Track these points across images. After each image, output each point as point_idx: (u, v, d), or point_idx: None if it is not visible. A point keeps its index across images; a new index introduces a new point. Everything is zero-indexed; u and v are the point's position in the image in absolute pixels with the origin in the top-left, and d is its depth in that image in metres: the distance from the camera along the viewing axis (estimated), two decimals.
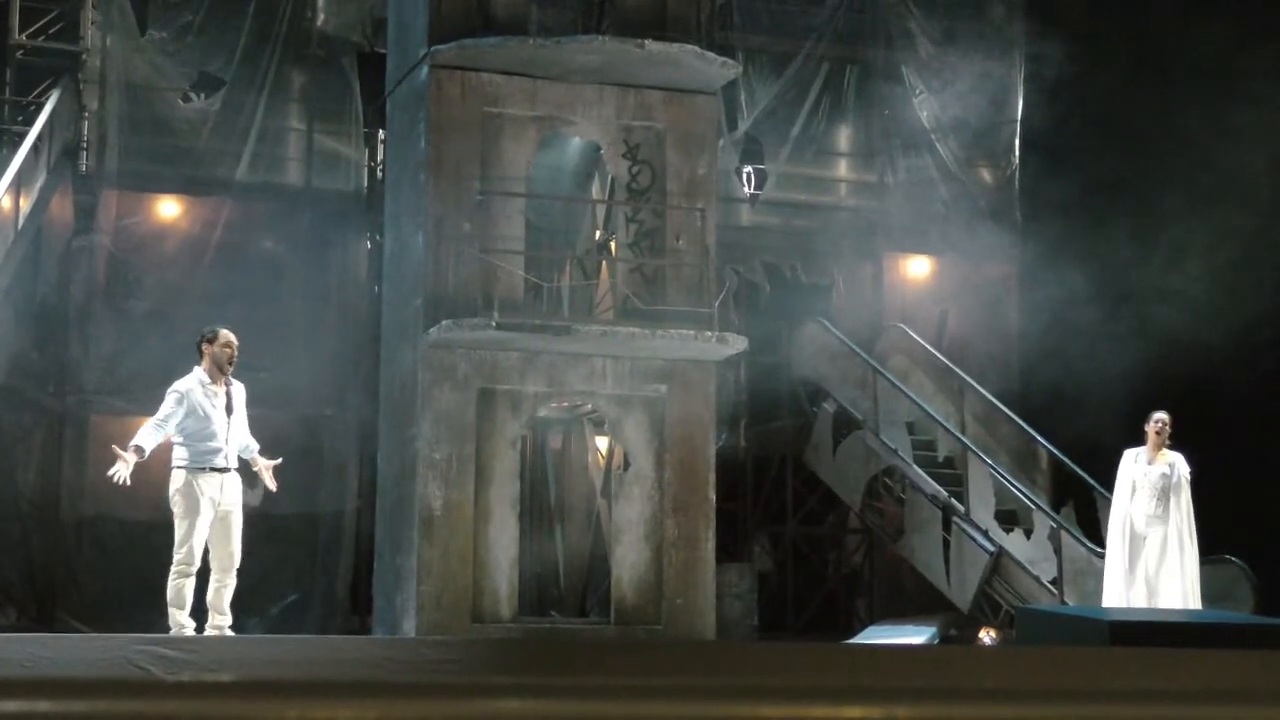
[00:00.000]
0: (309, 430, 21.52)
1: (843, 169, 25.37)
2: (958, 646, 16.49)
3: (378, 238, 21.55)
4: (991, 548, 19.21)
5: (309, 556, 21.52)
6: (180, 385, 11.76)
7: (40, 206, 20.20)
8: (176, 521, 11.54)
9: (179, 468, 11.59)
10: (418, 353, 17.64)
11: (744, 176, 24.29)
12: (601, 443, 19.54)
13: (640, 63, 18.10)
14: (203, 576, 11.76)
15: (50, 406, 20.96)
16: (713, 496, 18.23)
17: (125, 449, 11.51)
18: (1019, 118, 24.95)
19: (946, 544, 19.77)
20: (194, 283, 21.53)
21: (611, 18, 18.59)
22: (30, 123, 20.51)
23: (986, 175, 25.05)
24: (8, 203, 18.75)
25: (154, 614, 18.50)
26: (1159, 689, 6.40)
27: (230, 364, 11.99)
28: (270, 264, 21.79)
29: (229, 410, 11.91)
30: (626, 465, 18.19)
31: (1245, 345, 19.67)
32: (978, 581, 19.16)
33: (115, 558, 20.18)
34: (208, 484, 11.57)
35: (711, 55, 18.31)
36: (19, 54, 22.11)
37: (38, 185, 20.08)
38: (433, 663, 5.98)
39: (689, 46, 18.15)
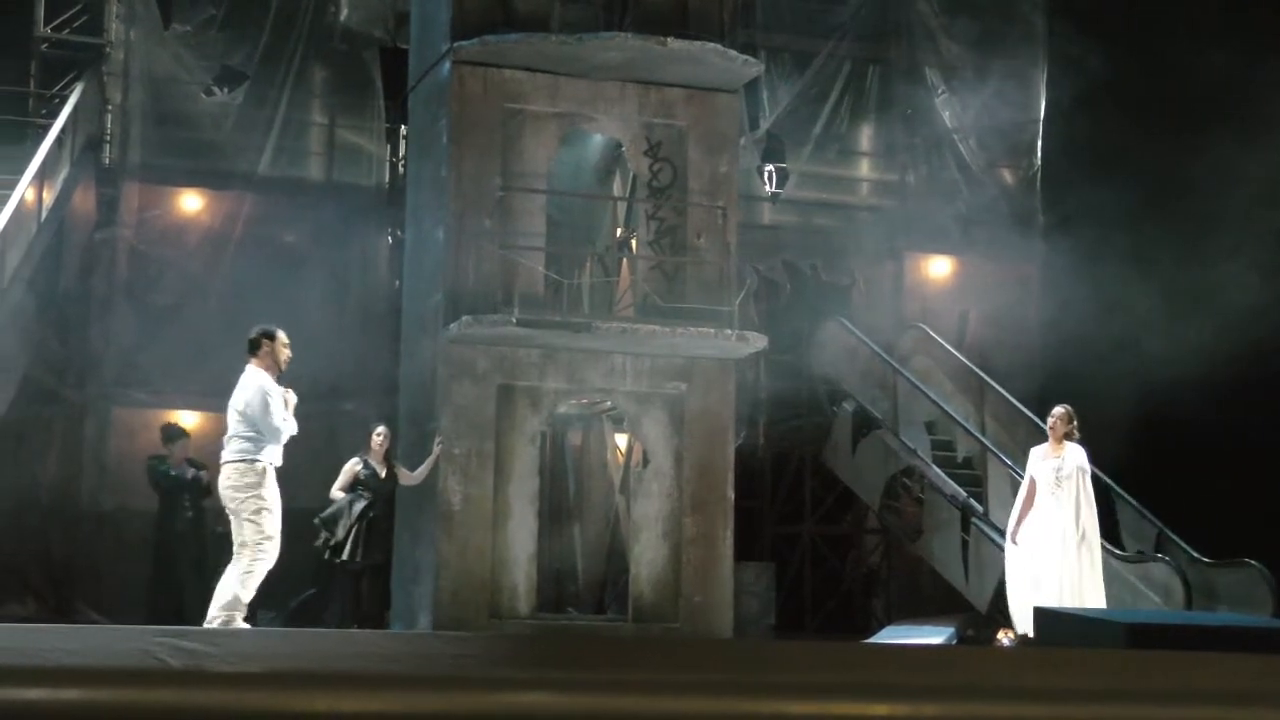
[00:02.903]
0: (328, 425, 21.55)
1: (864, 168, 25.35)
2: (979, 647, 16.46)
3: (398, 233, 21.58)
4: None
5: (311, 553, 21.52)
6: (262, 382, 11.79)
7: (63, 199, 20.26)
8: (261, 515, 11.56)
9: (251, 461, 11.63)
10: (437, 348, 17.66)
11: (765, 175, 24.27)
12: (620, 440, 19.55)
13: (662, 60, 18.09)
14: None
15: (71, 398, 21.02)
16: (731, 495, 18.22)
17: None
18: (1041, 118, 24.90)
19: (965, 544, 19.73)
20: (215, 276, 21.58)
21: (634, 15, 18.58)
22: (54, 115, 20.57)
23: (1008, 175, 25.00)
24: (31, 195, 18.80)
25: (171, 606, 18.58)
26: (1176, 691, 6.39)
27: (285, 365, 12.10)
28: (291, 258, 21.82)
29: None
30: (645, 463, 18.19)
31: (1266, 347, 19.62)
32: (996, 582, 19.12)
33: (134, 550, 20.22)
34: (270, 479, 11.72)
35: (734, 53, 18.29)
36: (43, 47, 22.19)
37: (61, 178, 20.14)
38: (451, 658, 5.99)
39: (711, 44, 18.14)
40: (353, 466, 15.85)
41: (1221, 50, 20.27)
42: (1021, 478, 19.61)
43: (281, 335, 12.04)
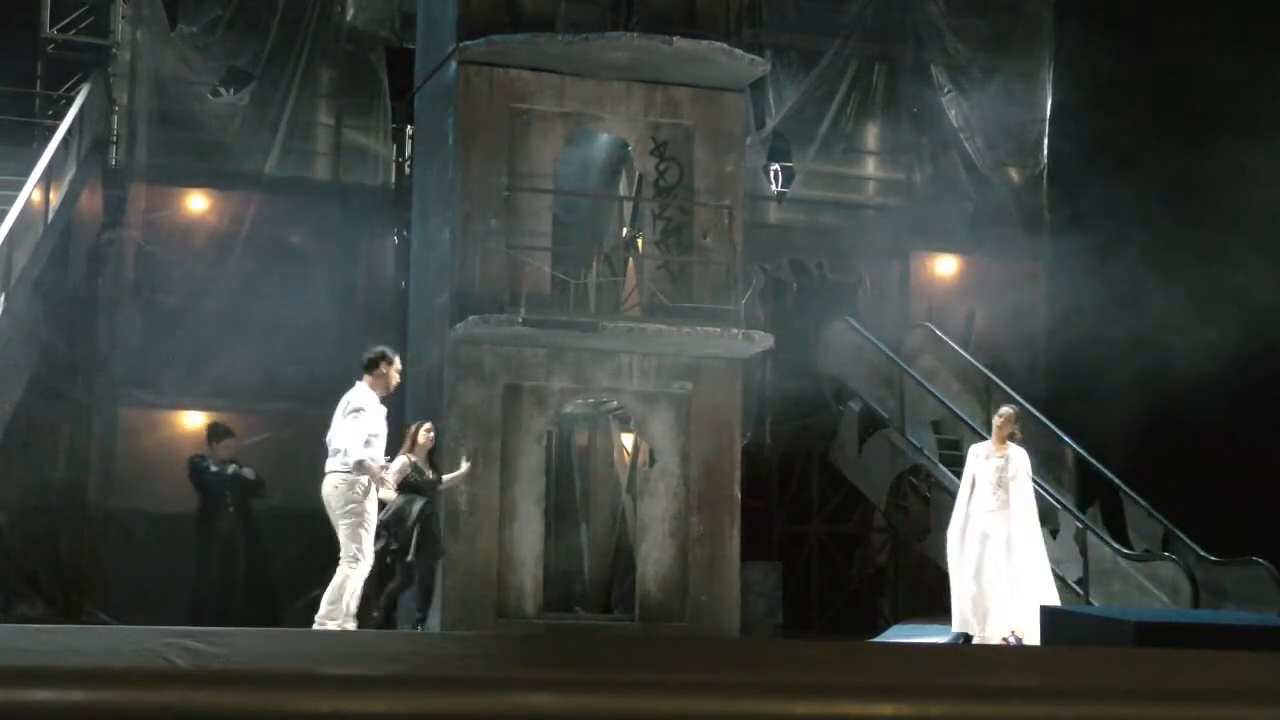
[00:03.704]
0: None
1: (870, 167, 25.33)
2: (986, 646, 16.44)
3: (405, 233, 21.59)
4: None
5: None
6: (359, 401, 12.23)
7: (70, 200, 20.26)
8: (363, 525, 12.12)
9: (353, 474, 12.05)
10: (444, 348, 17.67)
11: (771, 174, 24.26)
12: (627, 439, 19.55)
13: (669, 60, 18.10)
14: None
15: (78, 399, 21.04)
16: (738, 494, 18.22)
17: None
18: (1048, 117, 24.87)
19: None
20: (222, 277, 21.59)
21: (640, 14, 18.59)
22: (61, 116, 20.57)
23: (1015, 174, 24.98)
24: (38, 196, 18.81)
25: (181, 606, 18.60)
26: (1183, 689, 6.39)
27: (394, 388, 12.59)
28: (297, 258, 21.83)
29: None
30: (652, 462, 18.19)
31: (1276, 346, 19.60)
32: None
33: (142, 550, 20.24)
34: (373, 493, 12.25)
35: (740, 53, 18.30)
36: (50, 48, 22.20)
37: (68, 178, 20.14)
38: (458, 658, 6.00)
39: (717, 44, 18.14)
40: (403, 466, 15.19)
41: (1230, 48, 20.26)
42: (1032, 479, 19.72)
43: (396, 359, 12.47)
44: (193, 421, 21.53)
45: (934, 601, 21.59)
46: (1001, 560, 13.75)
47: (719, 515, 18.10)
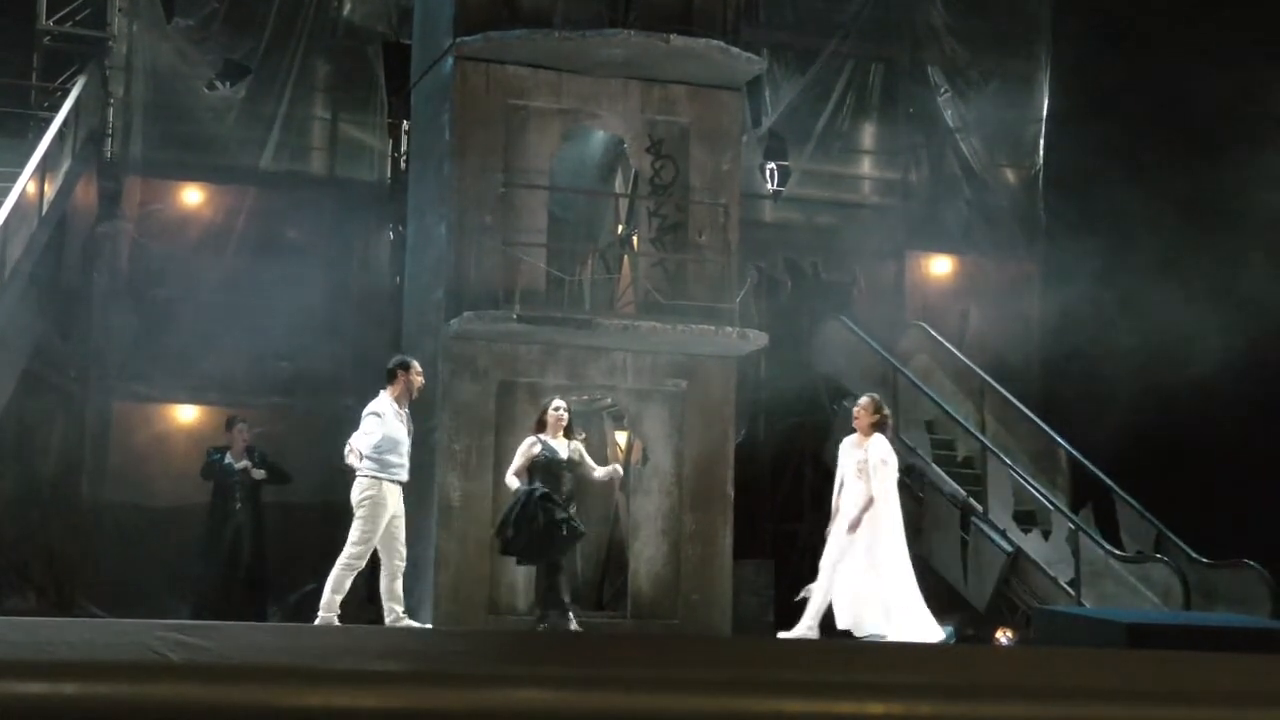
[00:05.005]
0: (330, 420, 21.55)
1: (866, 166, 25.32)
2: (977, 646, 16.47)
3: (400, 228, 21.57)
4: (1009, 548, 19.18)
5: (327, 546, 21.52)
6: (376, 407, 13.06)
7: (65, 192, 20.23)
8: (360, 522, 12.95)
9: (371, 477, 12.92)
10: (438, 344, 17.66)
11: (767, 173, 24.25)
12: (621, 437, 19.55)
13: (665, 57, 18.10)
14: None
15: (72, 392, 21.01)
16: (731, 492, 18.23)
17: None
18: (1044, 116, 24.88)
19: (964, 544, 19.73)
20: (216, 270, 21.56)
21: (638, 12, 18.58)
22: (56, 108, 20.52)
23: (1010, 174, 24.97)
24: (33, 188, 18.77)
25: (173, 599, 18.61)
26: (1175, 691, 6.40)
27: (419, 392, 13.39)
28: (293, 253, 21.79)
29: (409, 431, 13.22)
30: (645, 460, 18.19)
31: (1268, 346, 19.63)
32: (995, 582, 19.13)
33: (135, 543, 20.23)
34: (390, 494, 12.95)
35: (737, 51, 18.30)
36: (46, 40, 22.14)
37: (63, 171, 20.11)
38: (449, 653, 6.00)
39: (714, 42, 18.14)
40: (529, 448, 14.49)
41: (1227, 52, 20.27)
42: (1021, 478, 19.75)
43: (416, 365, 13.34)
44: (186, 415, 21.53)
45: (926, 601, 21.62)
46: (862, 555, 13.66)
47: (712, 513, 18.11)
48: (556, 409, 14.63)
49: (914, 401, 21.08)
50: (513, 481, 14.47)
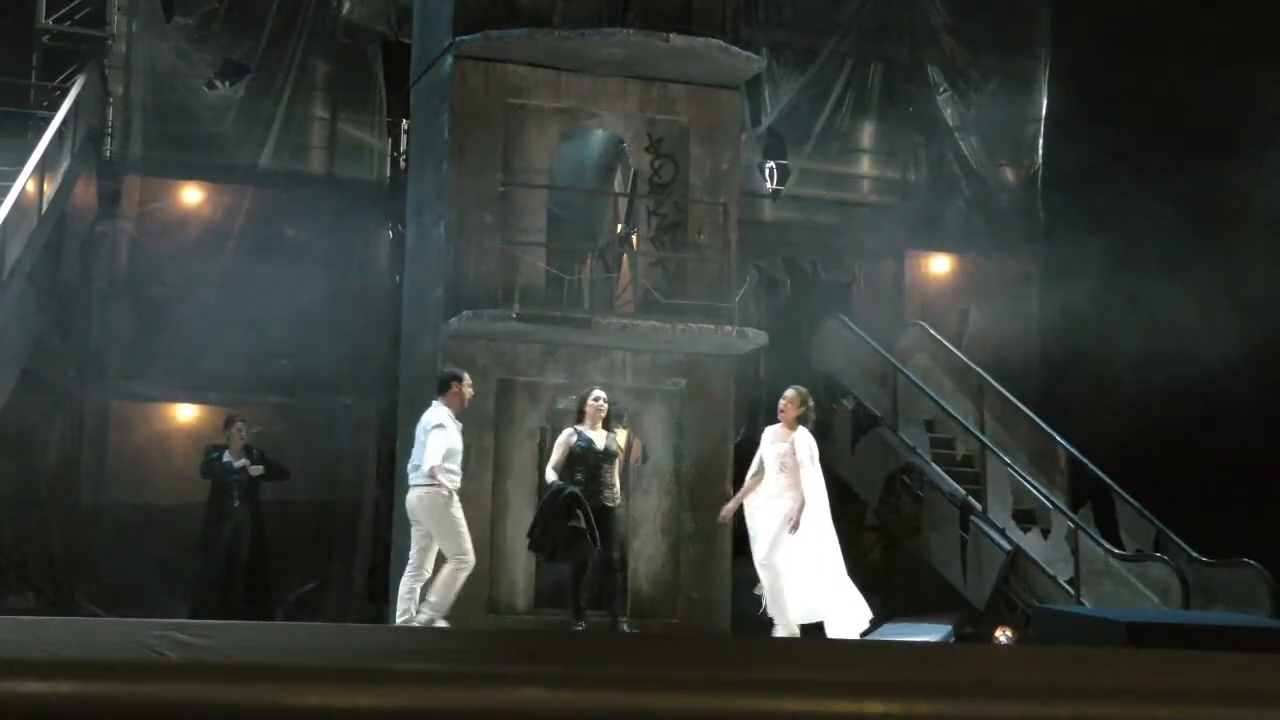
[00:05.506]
0: (329, 419, 21.57)
1: (865, 165, 25.31)
2: (976, 644, 16.46)
3: (399, 227, 21.56)
4: (1008, 547, 19.17)
5: (327, 544, 21.55)
6: (438, 419, 13.44)
7: (64, 191, 20.23)
8: (458, 531, 13.34)
9: (445, 488, 13.28)
10: (438, 343, 17.66)
11: (766, 172, 24.25)
12: (620, 436, 19.52)
13: (665, 56, 18.09)
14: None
15: (71, 391, 21.01)
16: (730, 491, 18.20)
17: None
18: (1043, 116, 24.88)
19: (964, 543, 19.72)
20: (216, 270, 21.56)
21: (636, 11, 18.57)
22: (55, 108, 20.52)
23: (1010, 174, 24.97)
24: (32, 187, 18.77)
25: (171, 598, 18.61)
26: (1176, 690, 6.39)
27: (469, 403, 13.89)
28: (292, 252, 21.79)
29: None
30: (645, 459, 18.18)
31: (1268, 346, 19.62)
32: (994, 580, 19.13)
33: (134, 543, 20.24)
34: (455, 500, 13.38)
35: (736, 50, 18.29)
36: (45, 39, 22.14)
37: (62, 170, 20.11)
38: (449, 652, 5.99)
39: (714, 41, 18.13)
40: (566, 439, 14.25)
41: (1227, 52, 20.27)
42: (1019, 476, 19.75)
43: (467, 377, 13.84)
44: (185, 414, 21.53)
45: (925, 600, 21.64)
46: (794, 547, 13.66)
47: (711, 512, 18.08)
48: (596, 399, 14.44)
49: (913, 400, 21.08)
50: (550, 475, 14.25)
